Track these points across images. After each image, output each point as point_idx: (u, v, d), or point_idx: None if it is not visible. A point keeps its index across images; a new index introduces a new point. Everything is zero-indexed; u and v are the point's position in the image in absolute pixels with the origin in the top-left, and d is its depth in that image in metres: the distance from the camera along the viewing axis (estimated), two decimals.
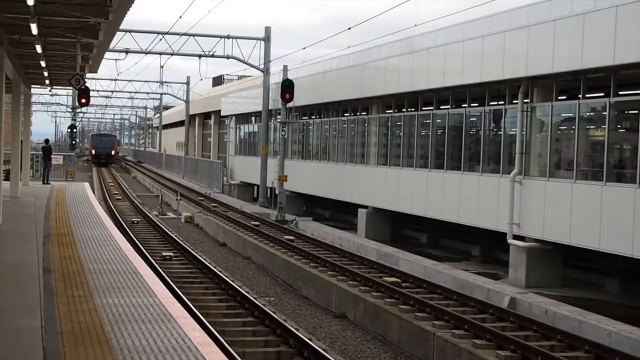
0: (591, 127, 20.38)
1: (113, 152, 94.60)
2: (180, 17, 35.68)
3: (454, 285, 19.27)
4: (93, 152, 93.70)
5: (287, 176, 36.05)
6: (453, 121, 25.75)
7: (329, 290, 18.66)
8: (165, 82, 72.39)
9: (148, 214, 34.00)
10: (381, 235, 29.57)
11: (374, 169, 30.84)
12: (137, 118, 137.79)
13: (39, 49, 19.50)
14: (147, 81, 74.83)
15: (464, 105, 25.55)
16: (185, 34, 41.17)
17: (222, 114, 58.27)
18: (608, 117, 18.91)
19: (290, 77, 36.83)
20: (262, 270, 23.40)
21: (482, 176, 23.59)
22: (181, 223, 34.14)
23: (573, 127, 20.23)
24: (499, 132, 23.51)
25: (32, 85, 36.22)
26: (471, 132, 24.87)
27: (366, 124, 32.12)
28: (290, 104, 36.65)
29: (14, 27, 18.01)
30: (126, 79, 73.85)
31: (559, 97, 21.56)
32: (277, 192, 36.09)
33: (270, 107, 41.17)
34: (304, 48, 57.72)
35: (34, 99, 63.45)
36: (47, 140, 41.13)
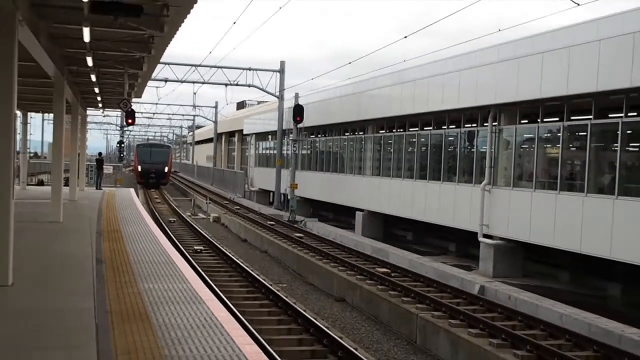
0: (548, 145, 20.40)
1: (166, 169, 58.28)
2: (210, 52, 36.86)
3: (434, 275, 19.27)
4: (139, 168, 56.93)
5: (297, 184, 36.09)
6: (434, 140, 25.78)
7: (331, 279, 18.68)
8: (197, 106, 72.50)
9: (182, 214, 34.03)
10: (375, 233, 29.55)
11: (369, 179, 30.87)
12: (174, 135, 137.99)
13: (93, 78, 19.59)
14: (182, 105, 75.38)
15: (443, 127, 25.59)
16: (214, 66, 41.28)
17: (244, 132, 58.28)
18: (562, 138, 18.96)
19: (300, 102, 36.90)
20: (276, 261, 23.42)
21: (458, 185, 23.62)
22: (210, 222, 34.17)
23: (533, 146, 20.27)
24: (472, 150, 23.53)
25: (88, 108, 36.34)
26: (449, 149, 24.90)
27: (363, 142, 32.15)
28: (300, 125, 36.70)
29: (73, 59, 18.14)
30: (165, 103, 74.58)
31: (522, 121, 21.60)
32: (289, 197, 36.10)
33: (284, 127, 41.20)
34: (312, 79, 57.95)
35: (89, 119, 63.11)
36: (100, 153, 41.10)
